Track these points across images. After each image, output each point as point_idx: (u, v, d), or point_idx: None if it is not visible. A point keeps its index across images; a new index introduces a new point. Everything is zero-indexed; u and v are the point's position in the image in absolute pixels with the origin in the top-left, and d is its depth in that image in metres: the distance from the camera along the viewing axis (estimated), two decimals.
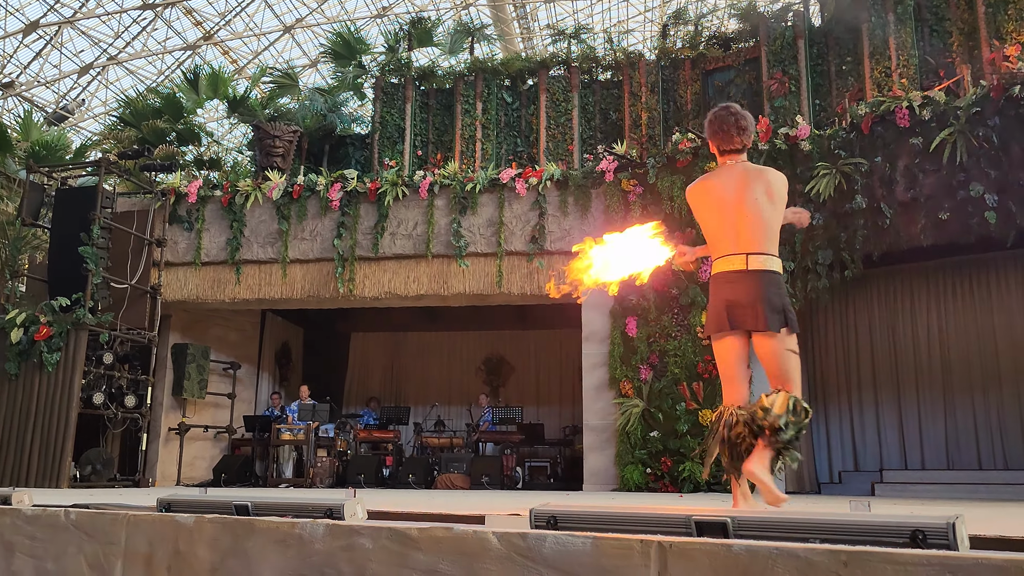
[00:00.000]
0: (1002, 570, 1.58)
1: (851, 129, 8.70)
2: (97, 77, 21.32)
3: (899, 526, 1.87)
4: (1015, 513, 4.43)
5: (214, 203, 11.08)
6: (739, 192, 3.87)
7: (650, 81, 11.34)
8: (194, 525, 2.92)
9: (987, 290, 9.94)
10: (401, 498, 6.14)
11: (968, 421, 9.83)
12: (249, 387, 12.84)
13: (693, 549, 1.93)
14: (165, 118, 12.80)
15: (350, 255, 10.55)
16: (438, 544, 2.34)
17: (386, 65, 12.43)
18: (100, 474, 9.81)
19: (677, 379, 9.19)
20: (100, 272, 10.01)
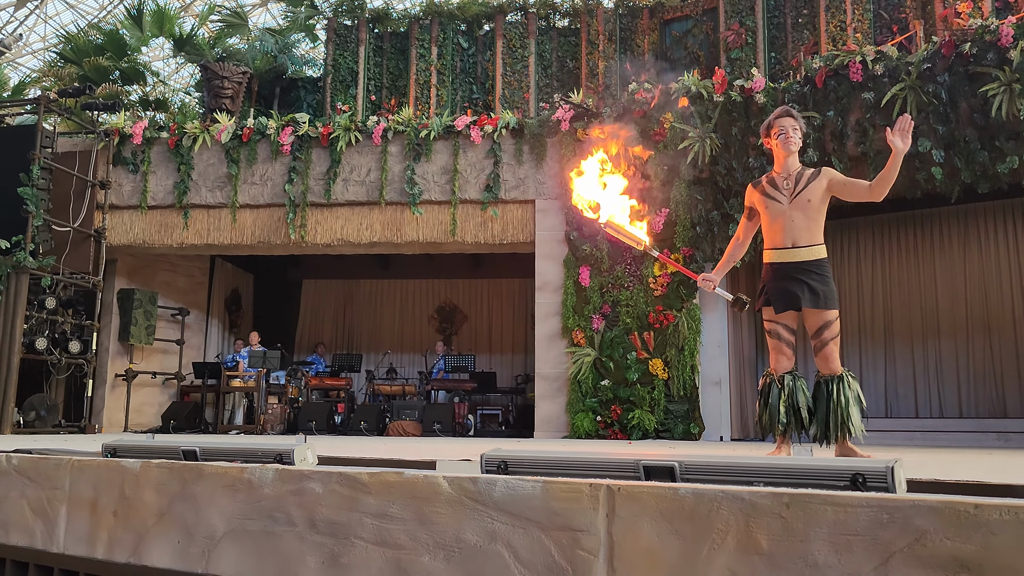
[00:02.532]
0: (936, 511, 1.63)
1: (805, 82, 8.75)
2: (35, 11, 20.40)
3: (840, 470, 1.92)
4: (949, 458, 4.61)
5: (160, 145, 10.78)
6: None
7: (608, 29, 11.23)
8: (140, 470, 2.88)
9: (930, 244, 10.19)
10: (353, 444, 6.15)
11: (907, 371, 10.15)
12: (198, 333, 12.67)
13: (641, 492, 1.96)
14: (108, 55, 12.34)
15: (302, 201, 10.38)
16: (389, 489, 2.34)
17: (339, 6, 12.10)
18: (44, 420, 9.64)
19: (629, 329, 9.30)
20: (41, 214, 9.71)
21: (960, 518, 1.60)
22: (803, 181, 4.26)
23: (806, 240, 4.22)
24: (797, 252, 4.25)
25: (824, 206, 4.28)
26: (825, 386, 4.22)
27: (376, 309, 14.83)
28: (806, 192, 4.23)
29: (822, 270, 4.22)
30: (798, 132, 4.31)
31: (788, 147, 4.32)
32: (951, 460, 4.39)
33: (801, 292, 4.20)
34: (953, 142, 7.90)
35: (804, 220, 4.22)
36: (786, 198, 4.27)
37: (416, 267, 13.70)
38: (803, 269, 4.22)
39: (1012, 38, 7.52)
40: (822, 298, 4.18)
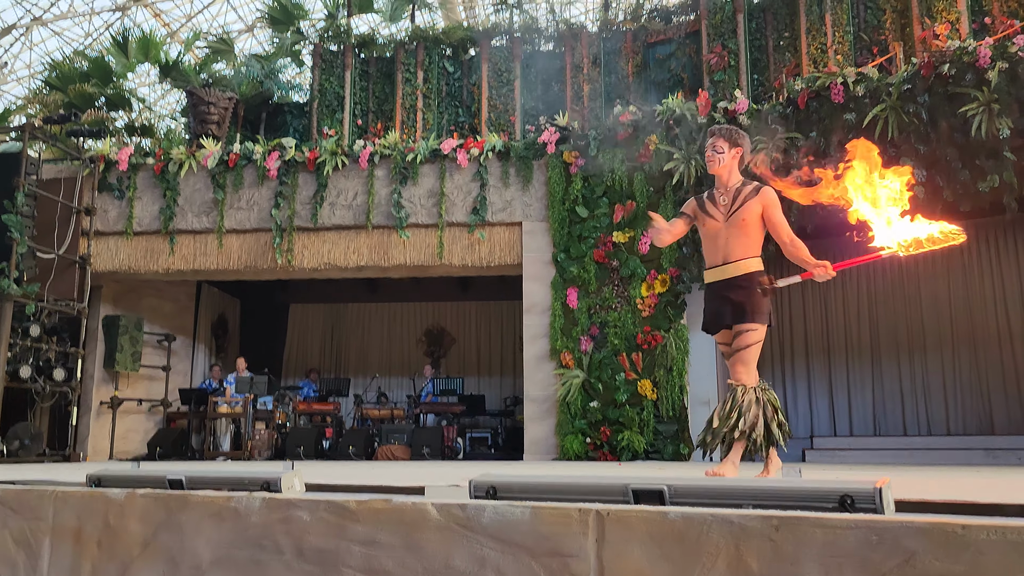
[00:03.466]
0: (924, 532, 1.63)
1: (788, 104, 8.84)
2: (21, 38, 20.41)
3: (829, 491, 1.92)
4: (937, 477, 4.62)
5: (146, 171, 10.76)
6: None
7: (592, 53, 11.32)
8: (125, 500, 2.85)
9: (913, 262, 10.25)
10: (340, 470, 6.10)
11: (894, 388, 10.19)
12: (184, 359, 12.59)
13: (630, 516, 1.95)
14: (93, 82, 12.34)
15: (288, 225, 10.37)
16: (377, 516, 2.33)
17: (325, 31, 12.16)
18: (28, 449, 9.53)
19: (617, 350, 9.30)
20: (25, 241, 9.65)
21: (948, 539, 1.60)
22: (740, 199, 4.16)
23: (738, 255, 4.13)
24: (726, 269, 4.16)
25: (761, 223, 4.17)
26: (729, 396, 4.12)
27: (364, 333, 14.79)
28: (742, 211, 4.12)
29: (749, 282, 4.09)
30: (719, 148, 4.21)
31: (709, 167, 4.28)
32: (939, 478, 4.40)
33: (725, 310, 4.12)
34: (934, 161, 7.98)
35: (739, 238, 4.12)
36: (722, 216, 4.17)
37: (404, 290, 13.69)
38: (731, 285, 4.12)
39: (990, 59, 7.63)
40: (746, 312, 4.06)
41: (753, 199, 4.13)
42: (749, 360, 4.10)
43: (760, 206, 4.12)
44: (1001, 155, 7.61)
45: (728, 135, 4.24)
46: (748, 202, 4.12)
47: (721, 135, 4.24)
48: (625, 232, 9.51)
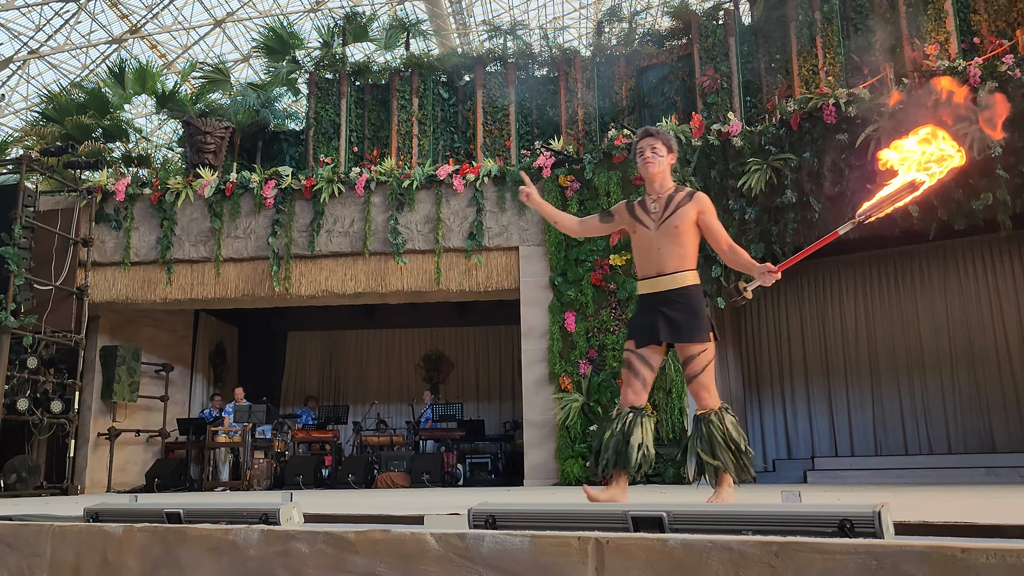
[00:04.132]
0: (924, 556, 1.63)
1: (781, 125, 8.90)
2: (18, 71, 20.55)
3: (827, 516, 1.92)
4: (938, 497, 4.60)
5: (143, 201, 10.79)
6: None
7: (586, 77, 11.41)
8: (123, 534, 2.83)
9: (910, 281, 10.30)
10: (340, 499, 6.07)
11: (894, 408, 10.18)
12: (182, 389, 12.55)
13: (630, 544, 1.95)
14: (90, 113, 12.40)
15: (286, 253, 10.39)
16: (375, 547, 2.31)
17: (320, 60, 12.25)
18: (26, 482, 9.47)
19: (616, 373, 9.29)
20: (23, 273, 9.66)
21: (947, 563, 1.60)
22: (672, 205, 3.92)
23: (672, 267, 3.89)
24: (660, 281, 3.91)
25: (696, 232, 3.95)
26: (695, 424, 3.91)
27: (362, 359, 14.77)
28: (674, 218, 3.89)
29: (687, 298, 3.86)
30: (659, 151, 3.99)
31: (646, 168, 4.01)
32: (940, 499, 4.38)
33: (660, 324, 3.85)
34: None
35: (672, 247, 3.89)
36: (654, 224, 3.94)
37: (401, 316, 13.69)
38: (666, 299, 3.88)
39: (979, 78, 7.70)
40: (684, 331, 3.83)
41: (687, 205, 3.91)
42: (709, 383, 3.90)
43: (695, 212, 3.90)
44: (994, 173, 7.66)
45: (666, 139, 4.04)
46: (681, 208, 3.90)
47: (660, 137, 4.03)
48: (622, 255, 9.52)
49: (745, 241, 8.96)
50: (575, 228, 4.34)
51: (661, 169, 4.00)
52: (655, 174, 3.99)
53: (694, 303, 3.88)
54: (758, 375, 11.04)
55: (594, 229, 4.33)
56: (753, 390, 11.00)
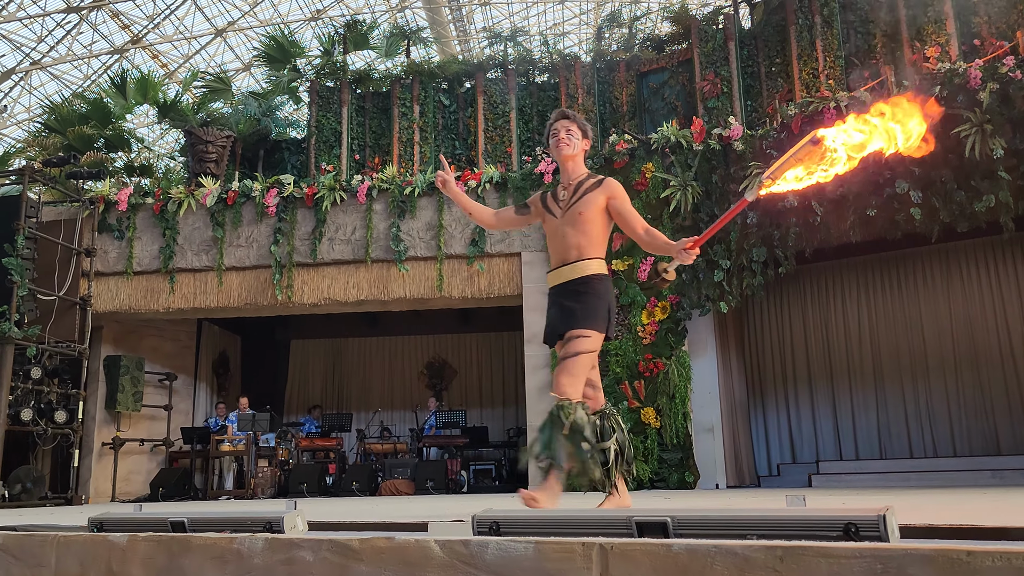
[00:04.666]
0: (930, 559, 1.62)
1: (782, 129, 8.90)
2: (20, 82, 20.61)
3: (832, 520, 1.91)
4: (943, 500, 4.59)
5: (145, 211, 10.81)
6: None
7: (586, 83, 11.43)
8: (127, 544, 2.83)
9: (913, 284, 10.29)
10: (344, 507, 6.07)
11: (899, 411, 10.15)
12: (186, 398, 12.55)
13: (634, 550, 1.94)
14: (92, 124, 12.44)
15: (288, 261, 10.40)
16: (380, 554, 2.31)
17: (321, 68, 12.28)
18: (31, 492, 9.47)
19: (619, 378, 9.28)
20: (26, 284, 9.68)
21: (953, 566, 1.59)
22: (579, 192, 3.67)
23: (574, 256, 3.61)
24: (562, 271, 3.66)
25: (604, 220, 3.67)
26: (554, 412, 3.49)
27: (365, 367, 14.77)
28: (579, 204, 3.63)
29: (587, 287, 3.57)
30: (574, 134, 3.74)
31: (558, 150, 3.75)
32: (945, 502, 4.37)
33: (560, 316, 3.60)
34: (930, 183, 8.02)
35: (576, 236, 3.62)
36: (560, 211, 3.70)
37: (404, 324, 13.69)
38: (567, 290, 3.61)
39: (980, 80, 7.70)
40: (576, 318, 3.53)
41: (594, 191, 3.65)
42: (576, 371, 3.50)
43: (603, 198, 3.63)
44: (996, 175, 7.65)
45: (582, 123, 3.80)
46: (588, 195, 3.64)
47: (576, 121, 3.78)
48: (624, 260, 9.53)
49: (747, 245, 8.95)
50: (490, 221, 4.08)
51: (574, 153, 3.75)
52: (567, 157, 3.74)
53: (594, 292, 3.56)
54: (761, 379, 11.02)
55: (510, 222, 4.05)
56: (757, 394, 10.98)
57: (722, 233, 9.03)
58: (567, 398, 3.43)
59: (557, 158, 3.79)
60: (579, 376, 3.50)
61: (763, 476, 10.58)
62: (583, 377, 3.53)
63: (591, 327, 3.52)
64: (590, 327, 3.51)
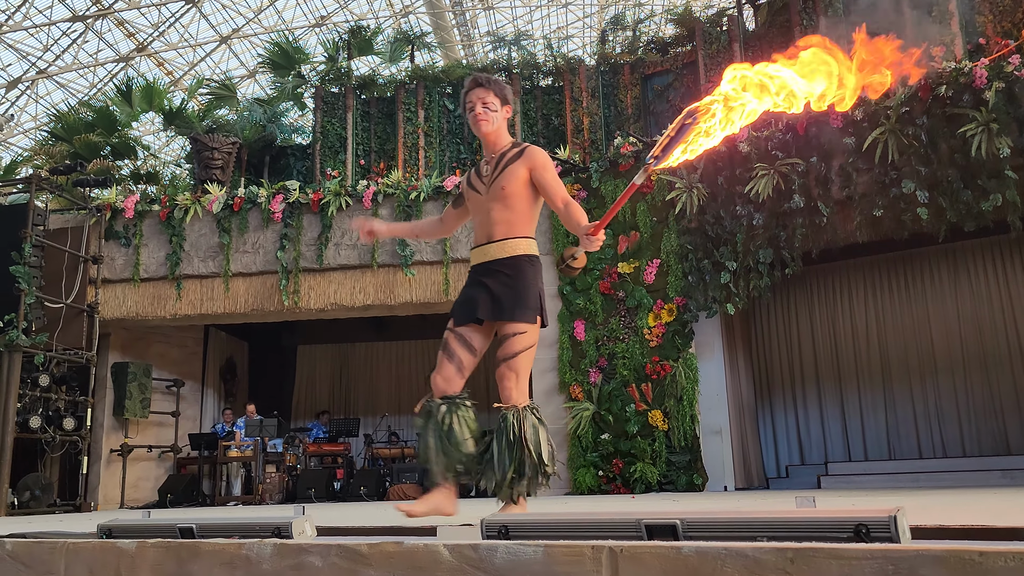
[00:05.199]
0: (941, 560, 1.61)
1: (787, 130, 8.88)
2: (26, 91, 20.71)
3: (843, 521, 1.90)
4: (953, 501, 4.56)
5: (152, 218, 10.85)
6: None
7: (591, 86, 11.43)
8: (136, 550, 2.83)
9: (921, 284, 10.25)
10: (352, 512, 6.06)
11: (907, 411, 10.11)
12: (194, 404, 12.58)
13: (644, 553, 1.93)
14: (98, 132, 12.49)
15: (294, 267, 10.42)
16: (389, 559, 2.31)
17: (326, 74, 12.32)
18: (39, 500, 9.50)
19: (626, 381, 9.27)
20: (33, 292, 9.71)
21: (965, 566, 1.58)
22: (502, 164, 3.36)
23: (500, 234, 3.32)
24: (487, 250, 3.35)
25: (530, 194, 3.35)
26: (500, 421, 3.28)
27: (372, 372, 14.77)
28: (501, 178, 3.32)
29: (514, 270, 3.28)
30: (491, 105, 3.38)
31: (477, 127, 3.42)
32: (956, 502, 4.35)
33: (481, 299, 3.29)
34: (936, 183, 8.00)
35: (503, 212, 3.32)
36: (484, 187, 3.39)
37: (411, 328, 13.69)
38: (491, 270, 3.31)
39: (986, 79, 7.68)
40: (505, 307, 3.24)
41: (516, 162, 3.33)
42: (520, 371, 3.28)
43: (525, 170, 3.31)
44: (1002, 174, 7.62)
45: (499, 89, 3.43)
46: (510, 167, 3.33)
47: (492, 87, 3.41)
48: (630, 263, 9.52)
49: (753, 246, 8.94)
50: (437, 228, 3.91)
51: (495, 126, 3.42)
52: (488, 133, 3.42)
53: (522, 275, 3.28)
54: (769, 381, 10.99)
55: (454, 217, 3.78)
56: (764, 396, 10.95)
57: (728, 235, 9.02)
58: (513, 404, 3.27)
59: (477, 134, 3.48)
60: (523, 377, 3.30)
61: (772, 478, 10.54)
62: (527, 377, 3.33)
63: (526, 319, 3.26)
64: (525, 320, 3.25)
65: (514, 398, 3.27)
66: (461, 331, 3.35)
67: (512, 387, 3.26)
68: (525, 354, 3.28)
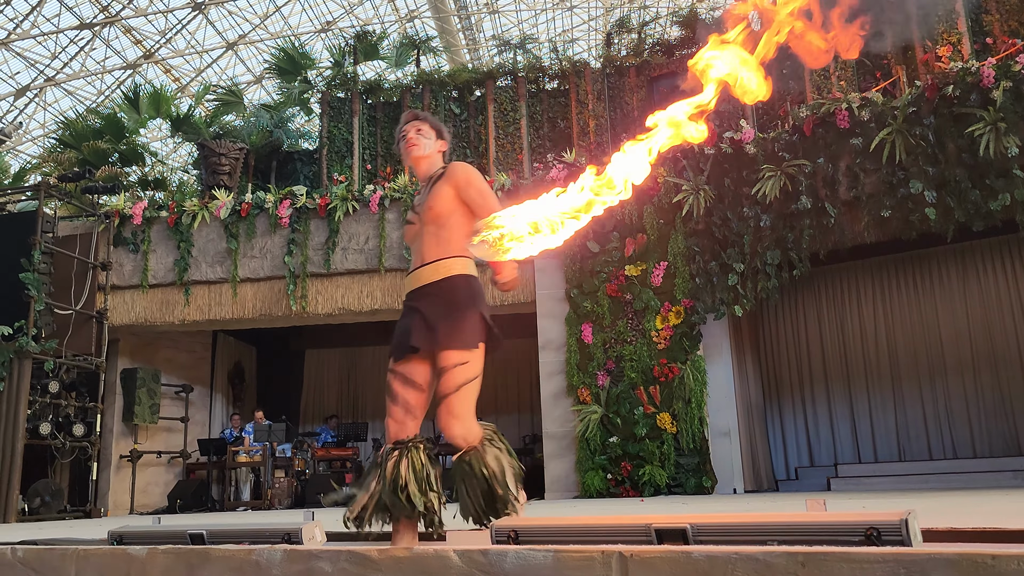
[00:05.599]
0: (953, 563, 1.61)
1: (794, 132, 8.87)
2: (35, 99, 20.82)
3: (854, 525, 1.90)
4: (964, 503, 4.54)
5: (160, 224, 10.88)
6: None
7: (596, 89, 11.43)
8: (147, 557, 2.84)
9: (929, 284, 10.21)
10: None
11: (917, 412, 10.07)
12: (202, 409, 12.60)
13: (654, 558, 1.93)
14: (106, 139, 12.54)
15: (302, 272, 10.44)
16: (399, 565, 2.31)
17: (332, 79, 12.35)
18: (49, 506, 9.53)
19: (634, 384, 9.25)
20: (43, 298, 9.75)
21: (978, 570, 1.58)
22: (429, 187, 3.19)
23: (432, 256, 3.08)
24: (419, 274, 3.10)
25: (463, 211, 3.11)
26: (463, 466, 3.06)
27: (380, 376, 14.75)
28: (429, 199, 3.13)
29: (448, 292, 3.03)
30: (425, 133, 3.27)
31: (408, 153, 3.26)
32: (967, 504, 4.32)
33: (414, 327, 3.00)
34: (944, 182, 7.98)
35: (435, 233, 3.10)
36: (418, 216, 3.19)
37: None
38: (423, 294, 3.06)
39: (993, 79, 7.65)
40: (440, 333, 2.95)
41: (440, 181, 3.14)
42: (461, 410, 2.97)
43: (449, 188, 3.10)
44: (1011, 173, 7.60)
45: (435, 123, 3.35)
46: (435, 187, 3.14)
47: (428, 120, 3.33)
48: (637, 265, 9.51)
49: (761, 248, 8.92)
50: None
51: (426, 153, 3.25)
52: (417, 159, 3.26)
53: (456, 298, 3.02)
54: (778, 383, 10.96)
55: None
56: (773, 398, 10.92)
57: (735, 236, 9.01)
58: (469, 444, 3.01)
59: (407, 162, 3.34)
60: (470, 412, 3.01)
61: (781, 480, 10.51)
62: (473, 410, 3.03)
63: (467, 346, 2.97)
64: (464, 347, 2.97)
65: (466, 439, 3.00)
66: (401, 369, 3.06)
67: (457, 432, 2.97)
68: (468, 388, 2.97)
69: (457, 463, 3.07)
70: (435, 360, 3.03)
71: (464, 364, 2.94)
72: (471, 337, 2.99)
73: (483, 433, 3.07)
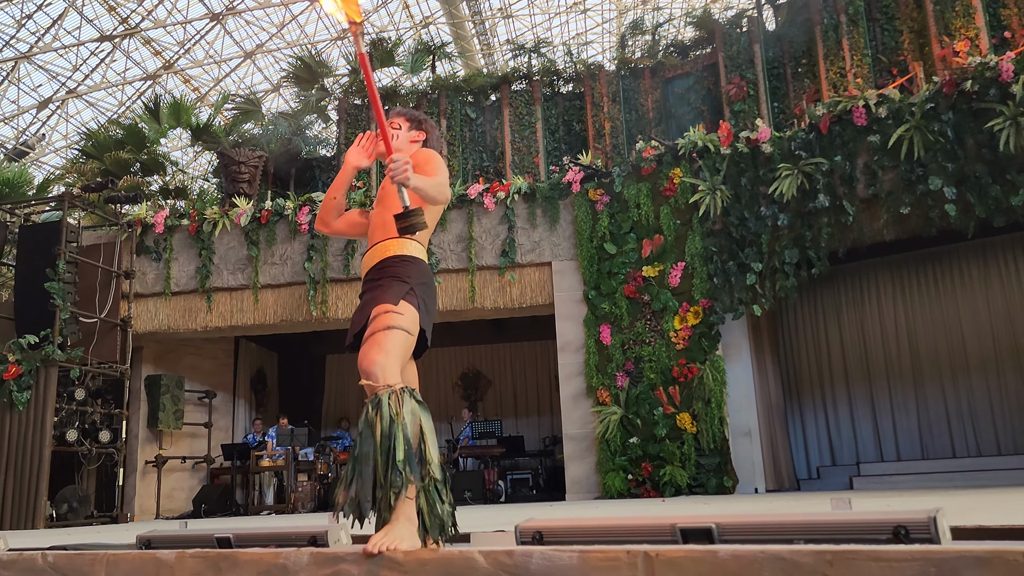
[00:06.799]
0: (984, 561, 1.60)
1: (810, 130, 8.83)
2: (57, 111, 21.06)
3: (882, 522, 1.89)
4: (990, 500, 4.50)
5: (182, 232, 10.99)
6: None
7: (611, 91, 11.43)
8: (175, 561, 2.88)
9: (950, 281, 10.13)
10: None
11: (939, 410, 9.99)
12: (225, 415, 12.70)
13: (680, 557, 1.94)
14: (128, 149, 12.67)
15: (321, 277, 10.50)
16: (424, 566, 2.33)
17: (349, 87, 12.42)
18: (77, 512, 9.64)
19: (653, 384, 9.24)
20: (68, 307, 9.87)
21: (1010, 568, 1.57)
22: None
23: (380, 236, 2.95)
24: (371, 255, 2.95)
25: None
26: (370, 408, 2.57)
27: None
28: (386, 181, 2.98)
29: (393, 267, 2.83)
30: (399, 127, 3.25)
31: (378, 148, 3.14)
32: (994, 502, 4.29)
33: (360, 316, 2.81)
34: (964, 178, 7.91)
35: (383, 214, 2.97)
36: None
37: (438, 335, 13.55)
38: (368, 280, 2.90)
39: (1013, 73, 7.59)
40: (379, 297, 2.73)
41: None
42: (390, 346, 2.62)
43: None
44: None
45: (411, 115, 3.32)
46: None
47: (403, 114, 3.31)
48: (655, 266, 9.50)
49: (779, 247, 8.89)
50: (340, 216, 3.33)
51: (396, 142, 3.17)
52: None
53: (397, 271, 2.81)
54: (798, 382, 10.90)
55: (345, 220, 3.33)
56: (794, 397, 10.86)
57: (753, 236, 8.98)
58: (387, 383, 2.56)
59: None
60: (395, 354, 2.63)
61: (802, 479, 10.45)
62: (400, 357, 2.67)
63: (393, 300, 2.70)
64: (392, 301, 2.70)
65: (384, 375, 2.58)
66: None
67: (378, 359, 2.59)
68: (399, 333, 2.65)
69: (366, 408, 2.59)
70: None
71: (389, 312, 2.67)
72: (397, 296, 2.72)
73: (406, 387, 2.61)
